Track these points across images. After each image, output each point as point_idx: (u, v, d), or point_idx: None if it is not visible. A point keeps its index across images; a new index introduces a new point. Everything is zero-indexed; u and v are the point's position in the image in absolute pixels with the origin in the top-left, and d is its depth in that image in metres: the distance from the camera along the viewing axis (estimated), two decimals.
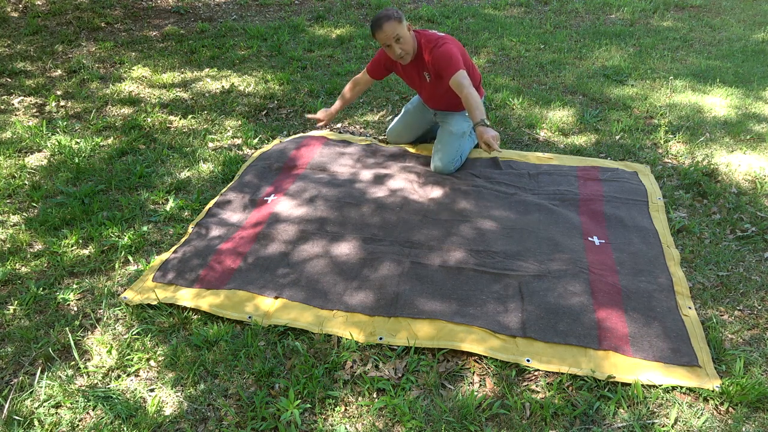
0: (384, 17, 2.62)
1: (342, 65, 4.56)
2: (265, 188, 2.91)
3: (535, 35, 5.16)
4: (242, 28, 5.46)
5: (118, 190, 3.02)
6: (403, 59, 2.74)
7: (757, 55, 4.70)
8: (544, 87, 4.13)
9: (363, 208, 2.71)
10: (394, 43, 2.65)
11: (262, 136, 3.53)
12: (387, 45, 2.67)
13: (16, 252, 2.55)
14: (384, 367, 1.95)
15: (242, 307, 2.18)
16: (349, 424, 1.77)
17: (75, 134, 3.59)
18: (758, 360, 1.95)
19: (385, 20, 2.61)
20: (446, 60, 2.68)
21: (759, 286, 2.27)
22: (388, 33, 2.62)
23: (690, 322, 2.05)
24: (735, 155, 3.19)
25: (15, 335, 2.12)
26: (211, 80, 4.35)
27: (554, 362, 1.91)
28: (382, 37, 2.64)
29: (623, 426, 1.74)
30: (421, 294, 2.19)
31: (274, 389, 1.89)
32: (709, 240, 2.53)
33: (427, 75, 2.82)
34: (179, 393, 1.88)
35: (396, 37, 2.63)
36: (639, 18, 5.67)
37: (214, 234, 2.58)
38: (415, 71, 2.87)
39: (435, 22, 5.56)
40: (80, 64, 4.65)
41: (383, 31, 2.62)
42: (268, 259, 2.40)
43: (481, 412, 1.79)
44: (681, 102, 3.84)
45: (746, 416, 1.76)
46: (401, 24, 2.64)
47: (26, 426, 1.78)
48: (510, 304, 2.14)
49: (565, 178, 2.95)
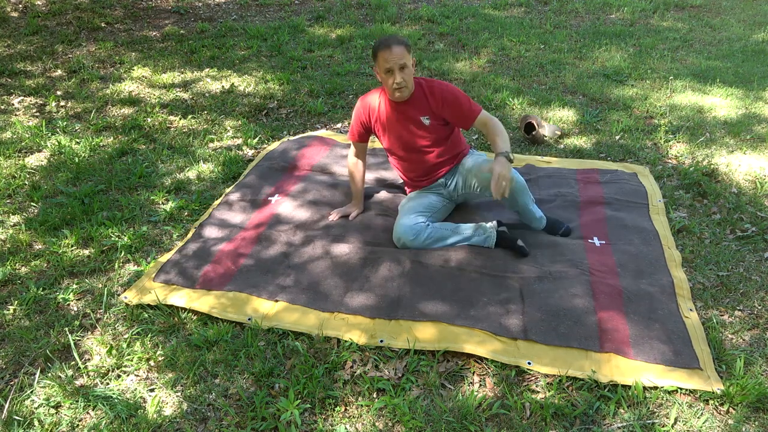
0: (394, 39, 2.33)
1: (342, 65, 4.56)
2: (268, 189, 2.91)
3: (535, 35, 5.16)
4: (242, 28, 5.46)
5: (118, 190, 3.02)
6: (401, 93, 2.35)
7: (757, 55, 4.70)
8: (544, 87, 4.13)
9: (364, 210, 2.71)
10: (397, 70, 2.30)
11: (262, 136, 3.53)
12: (388, 69, 2.30)
13: (16, 252, 2.55)
14: (384, 367, 1.95)
15: (242, 308, 2.17)
16: (349, 424, 1.77)
17: (75, 134, 3.59)
18: (758, 360, 1.95)
19: (395, 42, 2.31)
20: (463, 99, 2.38)
21: (759, 286, 2.27)
22: (397, 55, 2.28)
23: (691, 324, 2.05)
24: (735, 155, 3.19)
25: (15, 335, 2.11)
26: (211, 80, 4.35)
27: (556, 365, 1.91)
28: (387, 56, 2.29)
29: (623, 426, 1.74)
30: (422, 296, 2.19)
31: (274, 389, 1.89)
32: (709, 240, 2.53)
33: (426, 119, 2.42)
34: (179, 393, 1.88)
35: (402, 65, 2.29)
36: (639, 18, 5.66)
37: (215, 235, 2.58)
38: (408, 116, 2.44)
39: (435, 22, 5.56)
40: (80, 64, 4.65)
41: (391, 51, 2.28)
42: (269, 261, 2.40)
43: (481, 412, 1.79)
44: (681, 102, 3.84)
45: (746, 416, 1.76)
46: (410, 54, 2.35)
47: (26, 426, 1.78)
48: (511, 306, 2.13)
49: (565, 180, 2.95)
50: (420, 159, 2.51)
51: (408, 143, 2.48)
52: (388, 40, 2.32)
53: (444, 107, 2.38)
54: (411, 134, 2.46)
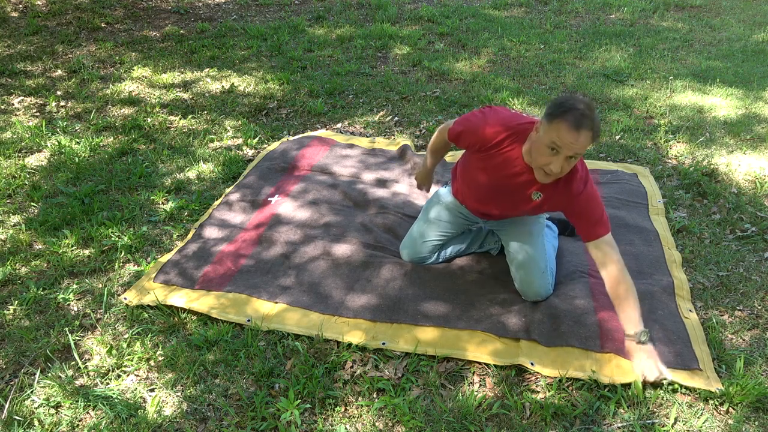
0: (587, 121, 1.66)
1: (342, 65, 4.56)
2: (269, 189, 2.90)
3: (535, 35, 5.16)
4: (242, 28, 5.46)
5: (118, 190, 3.02)
6: (544, 179, 1.80)
7: (757, 55, 4.70)
8: (544, 87, 4.13)
9: (365, 211, 2.71)
10: (565, 158, 1.71)
11: (262, 136, 3.53)
12: (555, 151, 1.70)
13: (16, 252, 2.55)
14: (384, 367, 1.95)
15: (242, 309, 2.17)
16: (349, 424, 1.77)
17: (75, 134, 3.59)
18: (758, 360, 1.95)
19: (587, 127, 1.66)
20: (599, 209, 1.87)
21: (759, 286, 2.27)
22: (581, 144, 1.67)
23: (691, 325, 2.05)
24: (735, 155, 3.19)
25: (15, 335, 2.11)
26: (211, 80, 4.35)
27: (557, 365, 1.91)
28: (567, 139, 1.65)
29: (623, 426, 1.74)
30: (423, 298, 2.19)
31: (274, 389, 1.89)
32: (709, 240, 2.53)
33: (537, 196, 1.91)
34: (179, 393, 1.88)
35: (575, 155, 1.70)
36: (639, 18, 5.66)
37: (216, 236, 2.58)
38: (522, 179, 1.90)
39: (435, 22, 5.56)
40: (80, 64, 4.65)
41: (578, 136, 1.65)
42: (270, 262, 2.40)
43: (481, 412, 1.79)
44: (681, 102, 3.84)
45: (746, 416, 1.76)
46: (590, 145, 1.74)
47: (26, 426, 1.78)
48: (512, 307, 2.13)
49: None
50: (491, 210, 2.09)
51: (495, 198, 2.01)
52: (581, 119, 1.65)
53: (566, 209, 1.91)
54: (507, 194, 1.97)
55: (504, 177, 1.92)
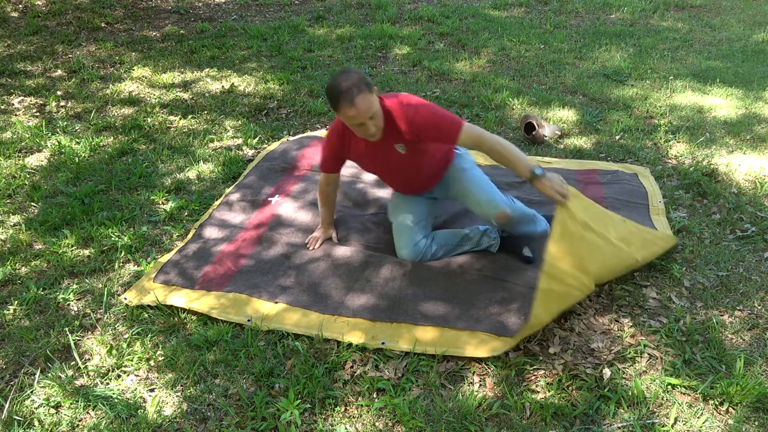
0: (354, 88, 1.89)
1: (342, 65, 4.56)
2: (269, 189, 2.90)
3: (535, 35, 5.16)
4: (242, 28, 5.46)
5: (118, 190, 3.02)
6: (374, 138, 2.06)
7: (757, 55, 4.70)
8: (544, 87, 4.13)
9: (365, 211, 2.71)
10: (368, 121, 1.96)
11: (262, 136, 3.53)
12: (360, 124, 1.96)
13: (16, 252, 2.55)
14: (384, 367, 1.95)
15: (242, 309, 2.17)
16: (349, 424, 1.77)
17: (75, 134, 3.59)
18: (758, 360, 1.95)
19: (357, 92, 1.89)
20: (438, 120, 2.03)
21: (759, 286, 2.27)
22: (363, 110, 1.92)
23: None
24: (735, 155, 3.19)
25: (15, 335, 2.11)
26: (211, 80, 4.35)
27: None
28: (353, 114, 1.91)
29: (623, 426, 1.74)
30: (422, 298, 2.19)
31: (274, 389, 1.89)
32: (709, 240, 2.53)
33: (401, 147, 2.13)
34: (179, 393, 1.88)
35: (372, 114, 1.95)
36: (639, 18, 5.66)
37: (216, 236, 2.58)
38: (382, 147, 2.16)
39: (435, 22, 5.56)
40: (80, 64, 4.65)
41: (356, 107, 1.90)
42: (270, 262, 2.40)
43: (481, 412, 1.79)
44: (681, 102, 3.84)
45: (746, 416, 1.76)
46: (373, 94, 1.96)
47: (26, 426, 1.78)
48: (512, 305, 2.13)
49: (566, 180, 2.95)
50: (405, 180, 2.32)
51: (389, 170, 2.27)
52: (349, 91, 1.89)
53: (420, 133, 2.07)
54: (390, 162, 2.21)
55: (372, 156, 2.20)
